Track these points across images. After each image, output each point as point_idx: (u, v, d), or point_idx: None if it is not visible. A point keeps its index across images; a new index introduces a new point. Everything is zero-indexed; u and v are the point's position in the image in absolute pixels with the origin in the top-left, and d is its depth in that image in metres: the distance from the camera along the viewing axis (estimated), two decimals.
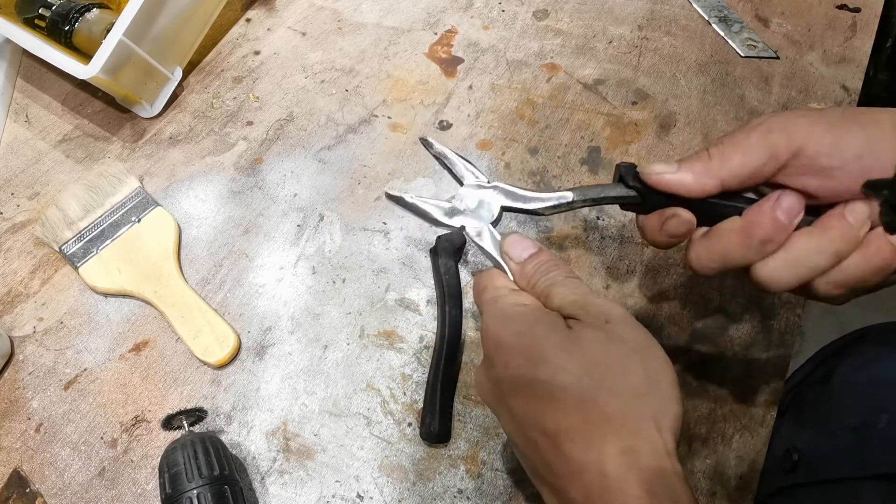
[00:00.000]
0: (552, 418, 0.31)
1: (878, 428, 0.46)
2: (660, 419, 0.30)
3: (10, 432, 0.48)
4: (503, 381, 0.33)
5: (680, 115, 0.61)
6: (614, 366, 0.31)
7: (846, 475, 0.46)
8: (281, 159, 0.62)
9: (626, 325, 0.33)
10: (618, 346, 0.32)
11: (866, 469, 0.45)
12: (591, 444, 0.30)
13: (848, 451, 0.47)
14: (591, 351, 0.32)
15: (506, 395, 0.33)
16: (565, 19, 0.70)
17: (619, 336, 0.32)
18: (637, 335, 0.33)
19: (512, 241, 0.39)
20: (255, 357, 0.51)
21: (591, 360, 0.31)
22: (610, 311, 0.33)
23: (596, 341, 0.32)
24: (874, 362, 0.52)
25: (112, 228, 0.56)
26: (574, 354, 0.32)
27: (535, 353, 0.32)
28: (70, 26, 0.63)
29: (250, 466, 0.46)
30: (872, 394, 0.49)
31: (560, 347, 0.32)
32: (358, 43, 0.70)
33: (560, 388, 0.31)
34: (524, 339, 0.33)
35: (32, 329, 0.53)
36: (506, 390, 0.33)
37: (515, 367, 0.33)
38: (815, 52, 0.65)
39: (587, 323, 0.33)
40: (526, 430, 0.32)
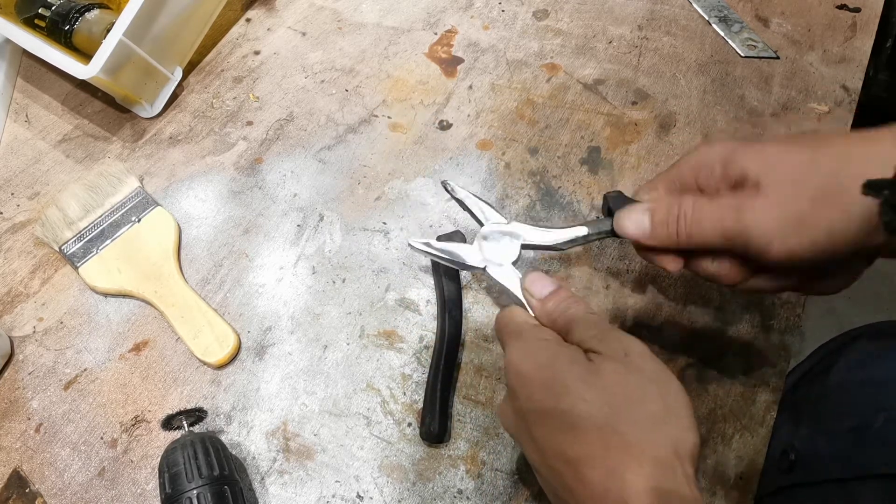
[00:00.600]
0: (574, 446, 0.32)
1: (875, 428, 0.46)
2: (679, 447, 0.31)
3: (10, 432, 0.48)
4: (527, 412, 0.35)
5: (680, 115, 0.61)
6: (633, 395, 0.32)
7: (844, 475, 0.46)
8: (281, 159, 0.62)
9: (643, 357, 0.34)
10: (636, 377, 0.33)
11: (864, 469, 0.45)
12: (612, 471, 0.30)
13: (845, 451, 0.47)
14: (610, 381, 0.33)
15: (530, 426, 0.35)
16: (565, 19, 0.70)
17: (638, 367, 0.33)
18: (654, 367, 0.34)
19: (533, 279, 0.40)
20: (255, 357, 0.51)
21: (611, 391, 0.32)
22: (629, 345, 0.34)
23: (615, 372, 0.33)
24: (872, 361, 0.52)
25: (112, 228, 0.56)
26: (594, 385, 0.33)
27: (557, 385, 0.34)
28: (70, 26, 0.63)
29: (250, 466, 0.46)
30: (869, 393, 0.49)
31: (580, 379, 0.33)
32: (358, 43, 0.70)
33: (581, 417, 0.32)
34: (546, 372, 0.34)
35: (32, 329, 0.53)
36: (529, 421, 0.35)
37: (539, 400, 0.34)
38: (815, 52, 0.65)
39: (606, 356, 0.34)
40: (549, 458, 0.33)
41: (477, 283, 0.53)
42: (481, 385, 0.48)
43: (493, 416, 0.47)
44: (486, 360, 0.49)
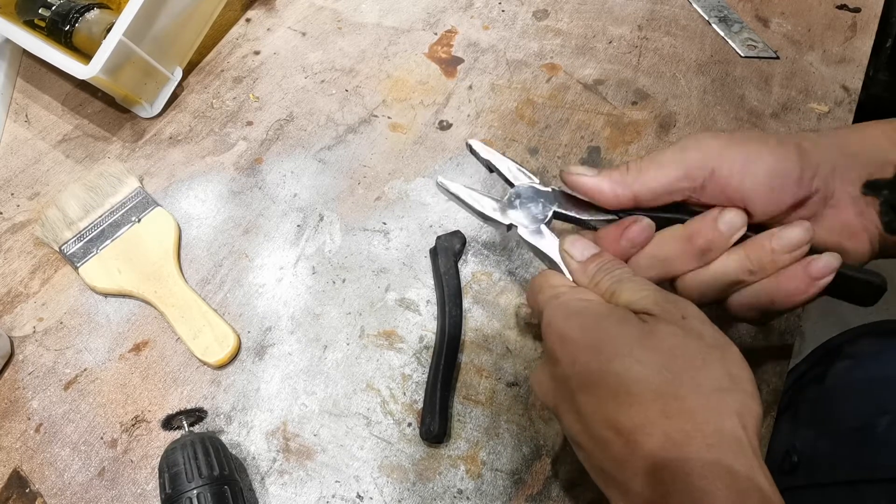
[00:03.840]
0: (627, 414, 0.29)
1: (879, 430, 0.46)
2: (744, 417, 0.29)
3: (9, 432, 0.48)
4: (570, 377, 0.32)
5: (680, 115, 0.61)
6: (694, 360, 0.30)
7: (847, 478, 0.46)
8: (281, 159, 0.62)
9: (702, 322, 0.32)
10: (696, 342, 0.31)
11: (867, 472, 0.45)
12: (673, 441, 0.28)
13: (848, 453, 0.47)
14: (668, 344, 0.30)
15: (573, 393, 0.32)
16: (565, 19, 0.70)
17: (697, 331, 0.31)
18: (714, 333, 0.31)
19: (573, 240, 0.38)
20: (254, 357, 0.51)
21: (669, 353, 0.30)
22: (686, 307, 0.32)
23: (673, 335, 0.31)
24: (871, 360, 0.52)
25: (112, 228, 0.56)
26: (649, 347, 0.30)
27: (607, 347, 0.31)
28: (70, 26, 0.63)
29: (250, 466, 0.46)
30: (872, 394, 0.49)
31: (634, 340, 0.31)
32: (358, 43, 0.70)
33: (636, 381, 0.29)
34: (593, 334, 0.32)
35: (32, 329, 0.53)
36: (573, 387, 0.32)
37: (584, 363, 0.31)
38: (815, 52, 0.65)
39: (662, 318, 0.32)
40: (596, 427, 0.31)
41: (477, 284, 0.53)
42: (481, 385, 0.48)
43: (494, 416, 0.47)
44: (486, 360, 0.49)
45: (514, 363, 0.49)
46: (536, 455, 0.45)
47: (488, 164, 0.44)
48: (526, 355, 0.49)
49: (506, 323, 0.51)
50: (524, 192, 0.42)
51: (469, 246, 0.54)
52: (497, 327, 0.51)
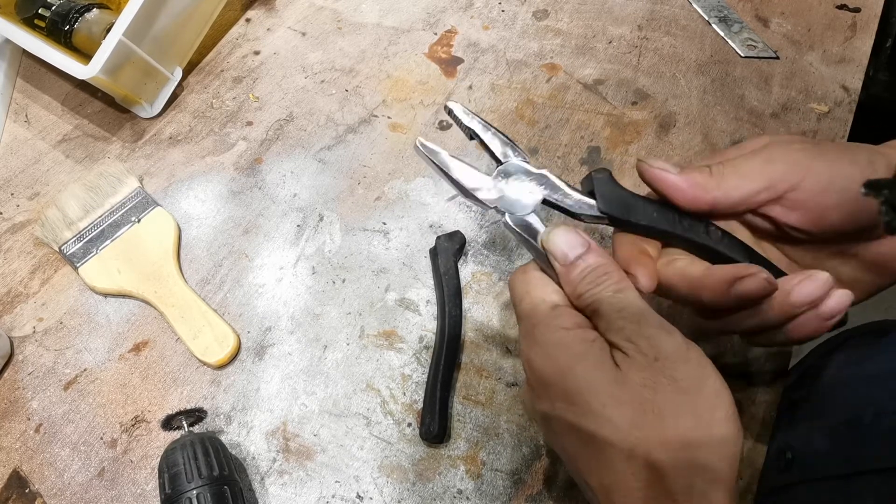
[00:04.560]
0: (602, 473, 0.30)
1: (866, 423, 0.46)
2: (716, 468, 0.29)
3: (9, 432, 0.48)
4: (551, 419, 0.32)
5: (680, 115, 0.61)
6: (665, 412, 0.29)
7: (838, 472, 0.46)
8: (281, 159, 0.62)
9: (674, 361, 0.30)
10: (666, 389, 0.30)
11: (857, 465, 0.45)
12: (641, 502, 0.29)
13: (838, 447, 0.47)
14: (638, 396, 0.30)
15: (556, 434, 0.32)
16: (565, 19, 0.70)
17: (670, 376, 0.30)
18: (688, 372, 0.30)
19: (557, 237, 0.34)
20: (254, 357, 0.51)
21: (640, 408, 0.29)
22: (659, 346, 0.31)
23: (643, 386, 0.30)
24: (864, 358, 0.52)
25: (112, 228, 0.56)
26: (621, 401, 0.30)
27: (580, 400, 0.30)
28: (70, 26, 0.63)
29: (250, 467, 0.46)
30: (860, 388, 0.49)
31: (605, 393, 0.30)
32: (358, 43, 0.70)
33: (607, 443, 0.29)
34: (568, 382, 0.31)
35: (32, 329, 0.53)
36: (555, 429, 0.32)
37: (562, 410, 0.31)
38: (815, 52, 0.65)
39: (634, 360, 0.31)
40: (580, 472, 0.32)
41: (477, 284, 0.53)
42: (481, 385, 0.48)
43: (494, 416, 0.47)
44: (486, 360, 0.49)
45: (514, 363, 0.49)
46: (536, 455, 0.45)
47: (470, 132, 0.39)
48: None
49: (506, 323, 0.51)
50: (514, 170, 0.37)
51: (469, 246, 0.54)
52: (497, 327, 0.51)
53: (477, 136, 0.38)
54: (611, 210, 0.36)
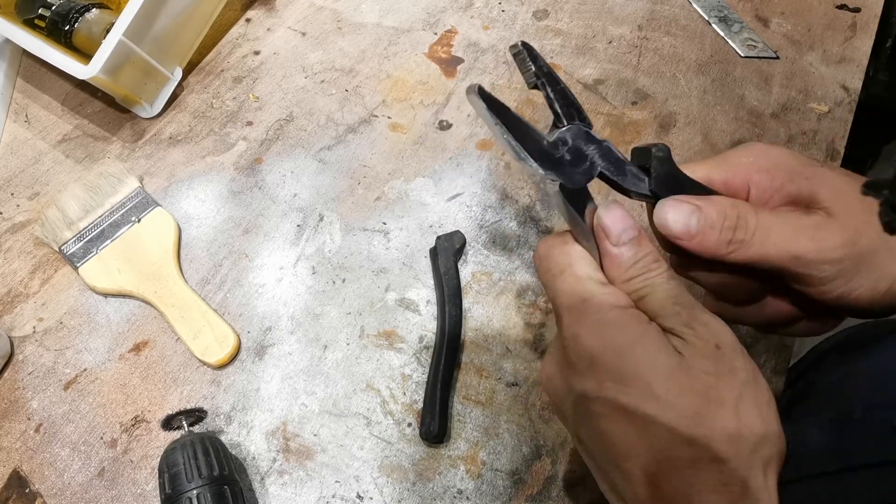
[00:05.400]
0: (654, 456, 0.28)
1: (855, 418, 0.46)
2: (768, 463, 0.29)
3: (9, 432, 0.48)
4: (593, 399, 0.30)
5: (680, 115, 0.61)
6: (728, 402, 0.28)
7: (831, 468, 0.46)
8: (281, 159, 0.62)
9: (735, 352, 0.29)
10: (731, 380, 0.29)
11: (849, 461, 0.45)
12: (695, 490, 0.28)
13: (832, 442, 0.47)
14: (703, 384, 0.28)
15: (594, 416, 0.31)
16: (565, 19, 0.70)
17: (731, 367, 0.29)
18: (746, 365, 0.29)
19: (614, 216, 0.32)
20: (254, 357, 0.51)
21: (704, 396, 0.28)
22: (719, 334, 0.30)
23: (708, 374, 0.29)
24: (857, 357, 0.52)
25: (112, 228, 0.56)
26: (685, 388, 0.28)
27: (639, 383, 0.29)
28: (70, 26, 0.63)
29: (250, 466, 0.46)
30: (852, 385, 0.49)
31: (668, 377, 0.29)
32: (358, 43, 0.70)
33: (668, 427, 0.28)
34: (625, 362, 0.29)
35: (32, 329, 0.53)
36: (596, 410, 0.30)
37: (613, 391, 0.29)
38: (815, 52, 0.65)
39: (696, 347, 0.29)
40: (617, 458, 0.30)
41: (477, 284, 0.53)
42: (481, 385, 0.48)
43: (494, 416, 0.47)
44: (486, 360, 0.49)
45: (514, 363, 0.49)
46: (536, 455, 0.45)
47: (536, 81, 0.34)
48: (526, 355, 0.49)
49: (506, 323, 0.51)
50: (575, 136, 0.33)
51: (469, 246, 0.54)
52: (497, 327, 0.51)
53: (545, 87, 0.34)
54: (662, 192, 0.34)
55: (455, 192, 0.58)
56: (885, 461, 0.43)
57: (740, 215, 0.32)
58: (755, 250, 0.32)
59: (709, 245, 0.32)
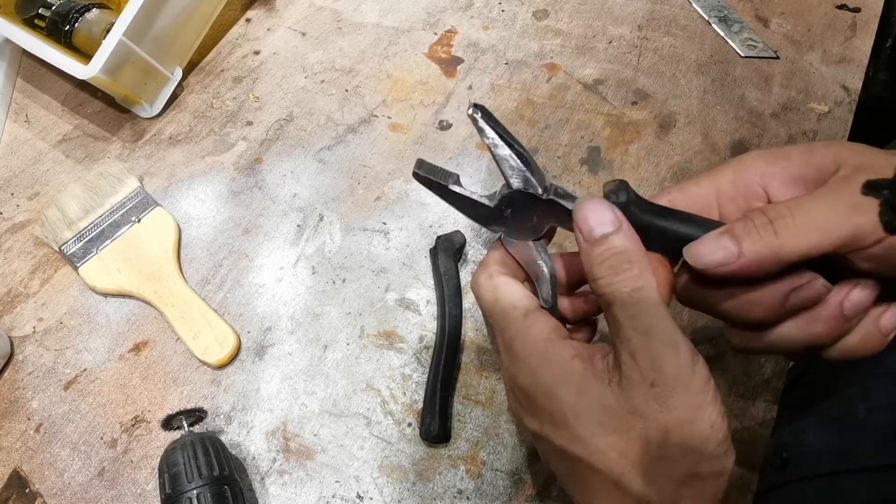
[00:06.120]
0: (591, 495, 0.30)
1: (859, 419, 0.46)
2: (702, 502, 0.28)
3: (9, 432, 0.48)
4: (539, 438, 0.31)
5: (680, 115, 0.61)
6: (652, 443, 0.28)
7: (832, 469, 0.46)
8: (281, 159, 0.62)
9: (675, 388, 0.28)
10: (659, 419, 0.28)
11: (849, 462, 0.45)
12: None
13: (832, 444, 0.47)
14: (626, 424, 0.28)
15: (543, 452, 0.32)
16: (565, 19, 0.70)
17: (663, 405, 0.28)
18: (685, 401, 0.28)
19: (587, 210, 0.31)
20: (254, 357, 0.51)
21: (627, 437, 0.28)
22: (661, 369, 0.28)
23: (632, 413, 0.28)
24: None
25: (112, 228, 0.56)
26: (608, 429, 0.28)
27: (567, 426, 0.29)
28: (70, 26, 0.63)
29: (250, 466, 0.46)
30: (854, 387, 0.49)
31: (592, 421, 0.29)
32: (358, 43, 0.70)
33: (595, 470, 0.29)
34: (553, 405, 0.30)
35: (32, 329, 0.53)
36: (542, 447, 0.32)
37: (549, 433, 0.30)
38: (815, 52, 0.65)
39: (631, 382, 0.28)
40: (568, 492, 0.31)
41: None
42: (481, 385, 0.48)
43: (494, 416, 0.47)
44: (486, 360, 0.49)
45: None
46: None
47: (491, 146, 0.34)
48: None
49: None
50: (517, 200, 0.34)
51: (469, 246, 0.54)
52: None
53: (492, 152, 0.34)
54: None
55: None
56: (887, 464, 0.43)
57: (766, 209, 0.29)
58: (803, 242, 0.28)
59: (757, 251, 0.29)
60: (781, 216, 0.29)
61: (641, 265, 0.30)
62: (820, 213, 0.28)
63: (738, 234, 0.29)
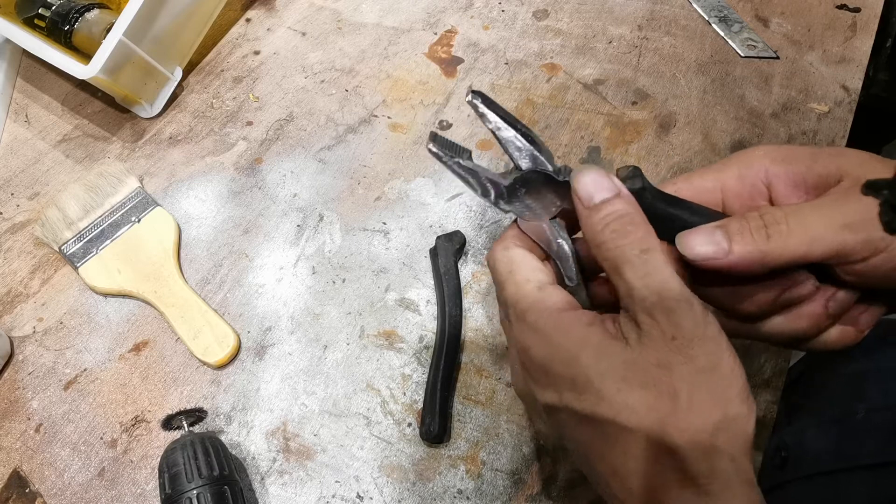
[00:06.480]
0: (618, 460, 0.29)
1: (858, 418, 0.46)
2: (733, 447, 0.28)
3: (9, 432, 0.48)
4: (559, 410, 0.31)
5: (680, 115, 0.61)
6: (681, 394, 0.28)
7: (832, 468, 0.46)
8: (281, 159, 0.62)
9: (693, 338, 0.28)
10: (683, 369, 0.28)
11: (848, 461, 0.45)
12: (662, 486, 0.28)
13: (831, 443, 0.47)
14: (653, 378, 0.28)
15: (564, 425, 0.31)
16: (565, 19, 0.70)
17: (686, 355, 0.28)
18: (705, 349, 0.28)
19: (586, 177, 0.31)
20: (254, 357, 0.51)
21: (656, 391, 0.28)
22: (679, 323, 0.28)
23: (658, 366, 0.28)
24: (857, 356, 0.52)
25: (112, 228, 0.56)
26: (634, 385, 0.28)
27: (591, 388, 0.29)
28: (70, 26, 0.63)
29: (250, 466, 0.46)
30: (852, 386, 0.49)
31: (618, 378, 0.28)
32: (358, 43, 0.70)
33: (624, 429, 0.28)
34: (575, 370, 0.29)
35: (32, 329, 0.53)
36: (564, 420, 0.31)
37: (571, 400, 0.30)
38: (815, 52, 0.65)
39: (651, 338, 0.29)
40: (590, 461, 0.30)
41: (477, 284, 0.53)
42: (481, 385, 0.48)
43: (494, 416, 0.47)
44: (486, 360, 0.49)
45: None
46: (536, 455, 0.45)
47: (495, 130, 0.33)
48: None
49: None
50: (533, 180, 0.33)
51: (469, 246, 0.54)
52: (497, 327, 0.51)
53: (496, 136, 0.33)
54: None
55: (455, 192, 0.58)
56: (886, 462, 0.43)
57: (764, 213, 0.30)
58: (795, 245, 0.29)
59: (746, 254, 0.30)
60: (777, 222, 0.30)
61: (645, 227, 0.30)
62: (813, 224, 0.29)
63: (731, 231, 0.30)
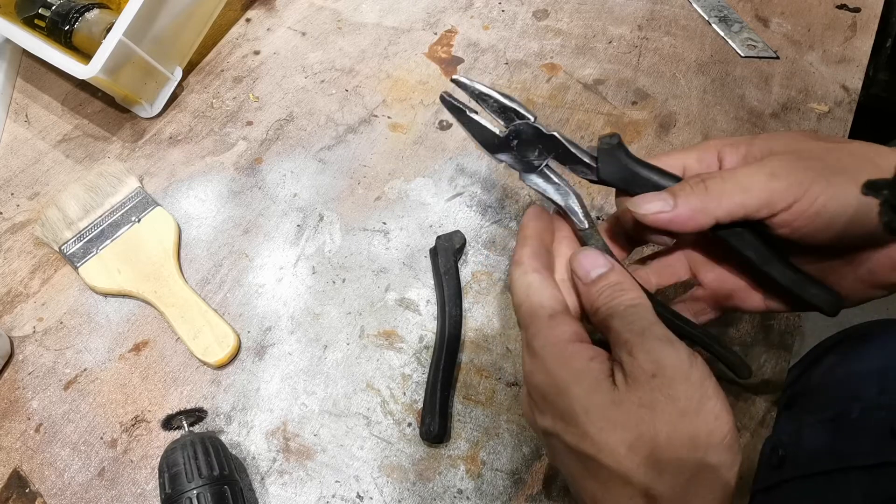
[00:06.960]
0: (599, 492, 0.30)
1: (852, 418, 0.46)
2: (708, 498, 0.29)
3: (10, 432, 0.48)
4: (550, 436, 0.32)
5: (680, 115, 0.61)
6: (660, 436, 0.28)
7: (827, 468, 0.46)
8: (281, 159, 0.62)
9: (675, 378, 0.29)
10: (665, 410, 0.29)
11: (844, 461, 0.45)
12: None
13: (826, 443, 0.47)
14: (634, 419, 0.29)
15: (555, 451, 0.33)
16: (565, 19, 0.70)
17: (667, 395, 0.29)
18: (688, 392, 0.29)
19: (582, 258, 0.35)
20: (254, 357, 0.51)
21: (636, 431, 0.29)
22: (659, 361, 0.30)
23: (639, 406, 0.29)
24: (853, 357, 0.53)
25: (112, 228, 0.56)
26: (616, 425, 0.29)
27: (578, 422, 0.30)
28: (70, 26, 0.63)
29: (250, 466, 0.46)
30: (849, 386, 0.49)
31: (602, 417, 0.29)
32: (358, 43, 0.70)
33: (604, 467, 0.29)
34: (565, 402, 0.31)
35: (32, 329, 0.53)
36: (554, 446, 0.32)
37: (560, 430, 0.31)
38: (815, 52, 0.65)
39: (632, 378, 0.30)
40: (577, 490, 0.32)
41: (477, 284, 0.53)
42: (481, 385, 0.48)
43: (494, 416, 0.47)
44: (486, 360, 0.49)
45: (514, 363, 0.49)
46: (536, 455, 0.45)
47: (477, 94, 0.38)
48: None
49: (506, 323, 0.51)
50: (528, 133, 0.37)
51: (469, 246, 0.54)
52: (497, 327, 0.51)
53: (485, 101, 0.38)
54: (610, 179, 0.37)
55: (455, 192, 0.58)
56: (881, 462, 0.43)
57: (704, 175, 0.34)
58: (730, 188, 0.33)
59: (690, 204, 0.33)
60: (713, 177, 0.34)
61: (636, 291, 0.33)
62: (743, 177, 0.33)
63: (675, 190, 0.34)
